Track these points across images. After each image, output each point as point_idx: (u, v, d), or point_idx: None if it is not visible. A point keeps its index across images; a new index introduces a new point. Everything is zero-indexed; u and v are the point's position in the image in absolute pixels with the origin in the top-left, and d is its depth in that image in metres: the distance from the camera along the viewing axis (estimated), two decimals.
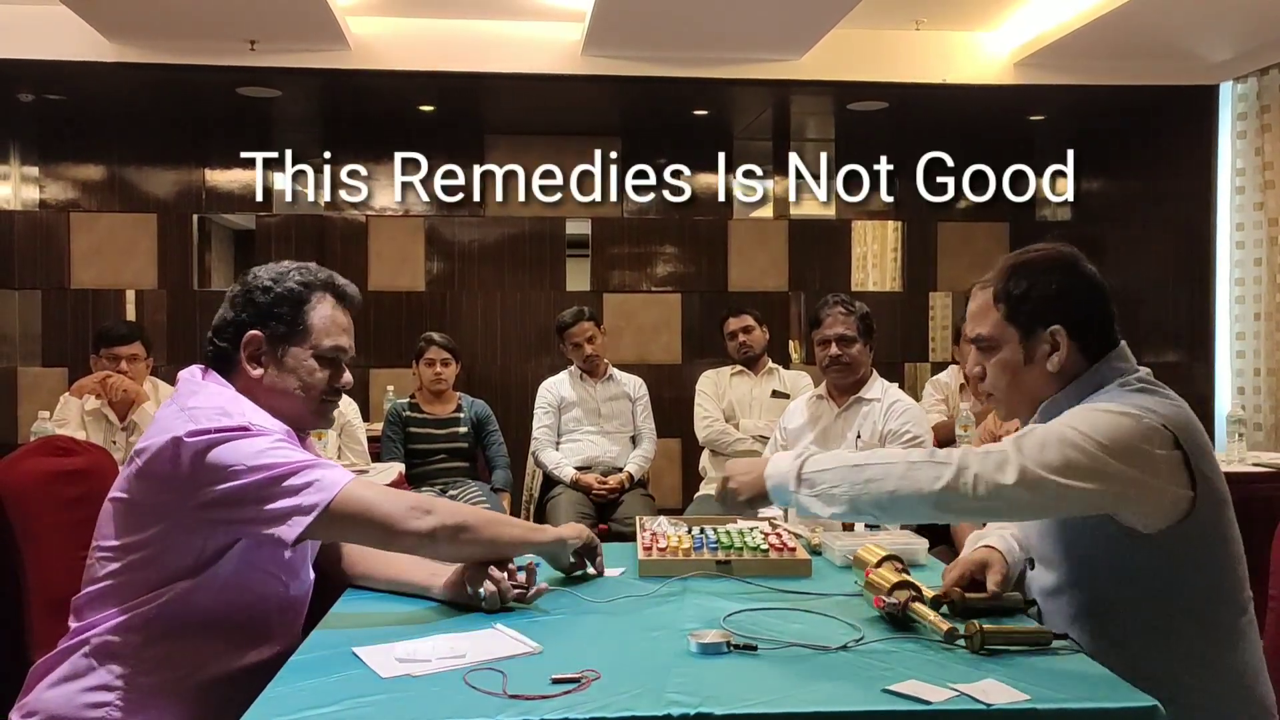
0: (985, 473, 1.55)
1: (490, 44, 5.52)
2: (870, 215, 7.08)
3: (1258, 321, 5.64)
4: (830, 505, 1.65)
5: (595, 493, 4.59)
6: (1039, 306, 1.73)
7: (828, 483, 1.65)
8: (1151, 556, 1.61)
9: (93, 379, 4.08)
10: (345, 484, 1.65)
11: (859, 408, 3.46)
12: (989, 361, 1.79)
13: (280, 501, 1.61)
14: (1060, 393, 1.73)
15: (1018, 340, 1.74)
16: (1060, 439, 1.56)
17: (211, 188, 6.62)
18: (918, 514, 1.64)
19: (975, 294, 1.82)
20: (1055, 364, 1.72)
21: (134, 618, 1.66)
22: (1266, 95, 5.55)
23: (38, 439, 2.94)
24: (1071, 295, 1.74)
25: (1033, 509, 1.62)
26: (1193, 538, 1.61)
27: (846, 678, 1.44)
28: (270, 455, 1.63)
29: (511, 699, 1.35)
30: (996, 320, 1.76)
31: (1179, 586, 1.62)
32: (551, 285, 6.80)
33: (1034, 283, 1.74)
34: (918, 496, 1.58)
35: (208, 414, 1.66)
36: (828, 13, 4.95)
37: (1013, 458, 1.55)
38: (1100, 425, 1.57)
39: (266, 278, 1.82)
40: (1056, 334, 1.72)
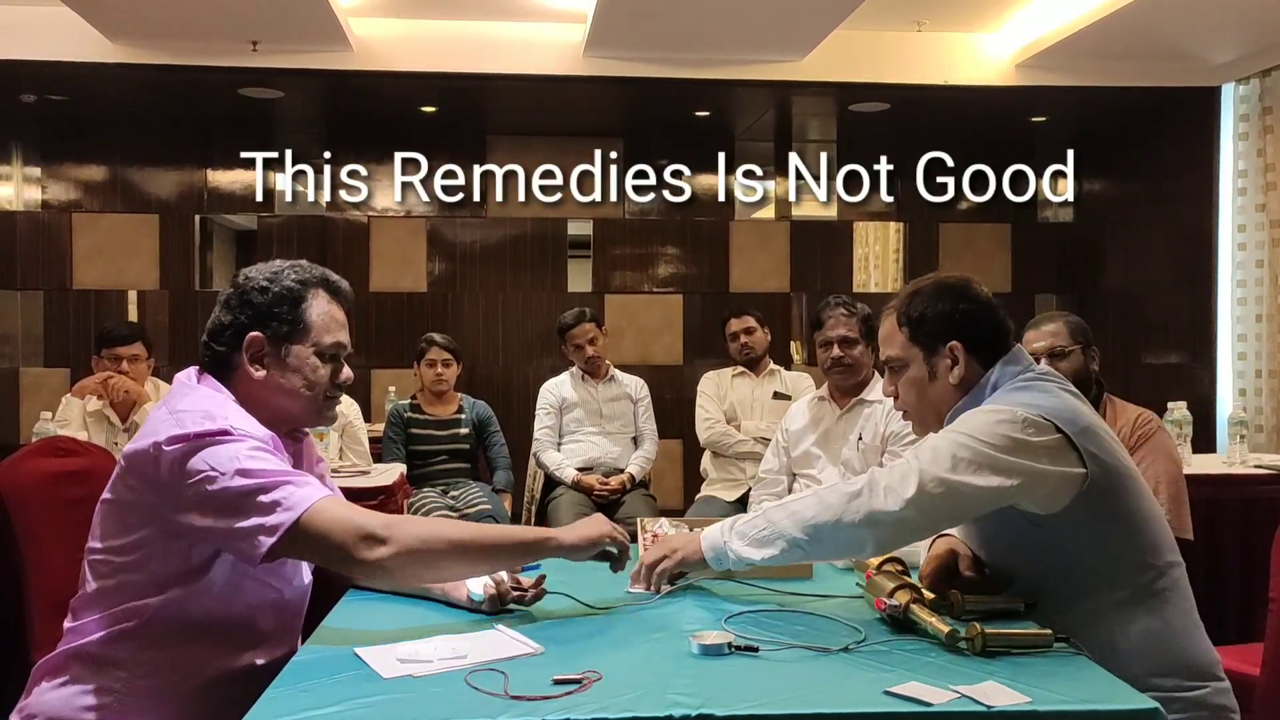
0: (893, 484, 1.71)
1: (492, 45, 5.52)
2: (872, 216, 7.08)
3: (1259, 323, 5.63)
4: (764, 547, 1.79)
5: (597, 494, 4.59)
6: (938, 325, 1.88)
7: (756, 528, 1.80)
8: (1057, 534, 1.73)
9: (94, 380, 4.08)
10: (311, 504, 1.60)
11: (861, 409, 3.46)
12: (899, 380, 1.94)
13: (248, 519, 1.58)
14: (960, 401, 1.87)
15: (922, 358, 1.90)
16: (949, 443, 1.72)
17: (213, 188, 6.63)
18: (849, 536, 1.74)
19: (883, 320, 1.98)
20: (956, 376, 1.87)
21: (128, 622, 1.66)
22: (1268, 97, 5.55)
23: (40, 440, 2.95)
24: (963, 313, 1.89)
25: (944, 512, 1.74)
26: (1091, 511, 1.72)
27: (848, 679, 1.44)
28: (245, 465, 1.60)
29: (513, 700, 1.35)
30: (902, 342, 1.92)
31: (1086, 557, 1.73)
32: (553, 286, 6.80)
33: (928, 305, 1.90)
34: (842, 517, 1.72)
35: (193, 417, 1.65)
36: (829, 14, 4.96)
37: (913, 466, 1.71)
38: (980, 425, 1.73)
39: (261, 278, 1.80)
40: (954, 349, 1.87)
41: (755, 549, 1.79)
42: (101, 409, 3.98)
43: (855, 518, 1.71)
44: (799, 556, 1.81)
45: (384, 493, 3.64)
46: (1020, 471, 1.69)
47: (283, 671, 1.49)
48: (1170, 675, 1.69)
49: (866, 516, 1.70)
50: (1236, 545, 3.44)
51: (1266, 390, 5.56)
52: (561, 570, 1.90)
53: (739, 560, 1.82)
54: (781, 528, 1.77)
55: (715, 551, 1.85)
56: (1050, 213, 7.21)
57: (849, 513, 1.71)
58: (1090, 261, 6.95)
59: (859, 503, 1.71)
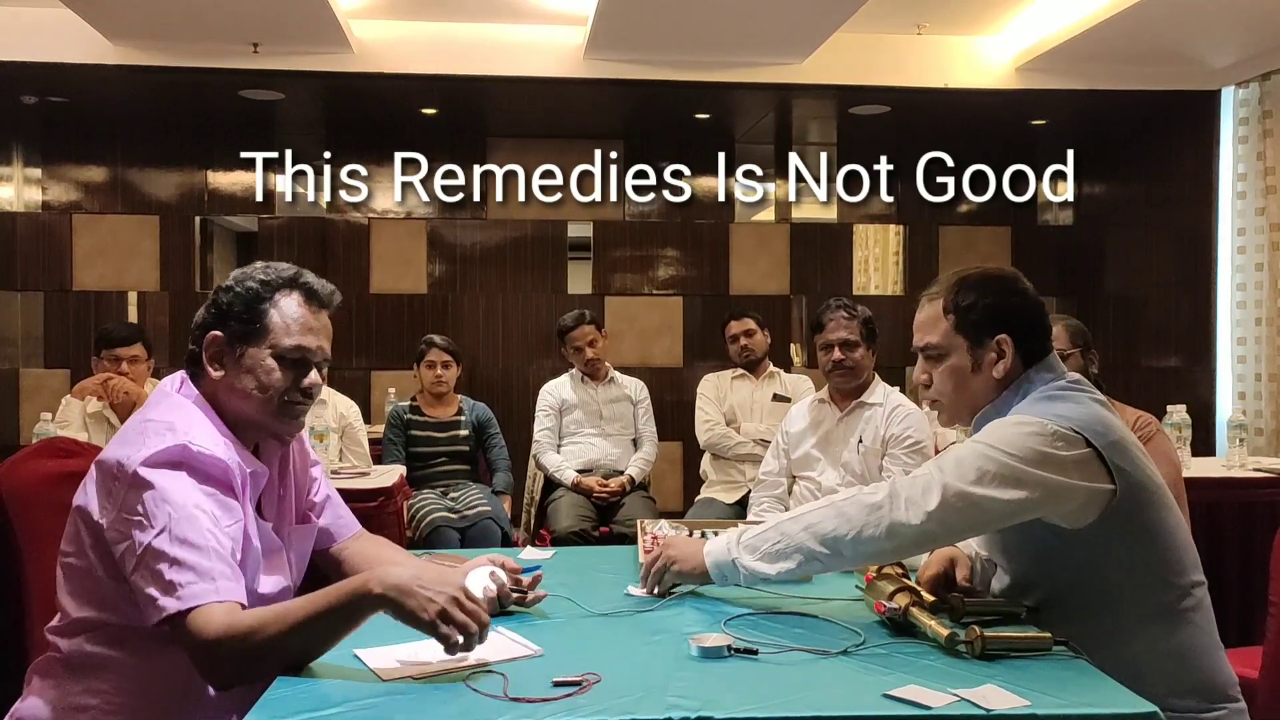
0: (915, 496, 1.68)
1: (492, 47, 5.52)
2: (872, 219, 7.08)
3: (1259, 326, 5.63)
4: (778, 561, 1.75)
5: (596, 495, 4.58)
6: (989, 316, 1.83)
7: (769, 541, 1.76)
8: (1080, 548, 1.70)
9: (94, 381, 4.08)
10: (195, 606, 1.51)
11: (861, 412, 3.46)
12: (936, 369, 1.89)
13: (147, 586, 1.54)
14: (991, 404, 1.85)
15: (966, 348, 1.85)
16: (974, 454, 1.69)
17: (214, 190, 6.63)
18: (869, 549, 1.71)
19: (923, 306, 1.92)
20: (1000, 370, 1.83)
21: (103, 628, 1.65)
22: (1268, 100, 5.55)
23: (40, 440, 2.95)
24: (1016, 306, 1.85)
25: (966, 525, 1.72)
26: (1118, 527, 1.69)
27: (847, 682, 1.44)
28: (175, 529, 1.54)
29: (512, 702, 1.36)
30: (946, 330, 1.86)
31: (1110, 573, 1.70)
32: (553, 288, 6.80)
33: (981, 295, 1.85)
34: (863, 530, 1.69)
35: (156, 428, 1.64)
36: (829, 17, 4.96)
37: (935, 478, 1.68)
38: (1007, 436, 1.69)
39: (232, 277, 1.78)
40: (1002, 342, 1.82)
41: (768, 563, 1.76)
42: (101, 410, 3.98)
43: (876, 530, 1.68)
44: (816, 570, 1.78)
45: (383, 494, 3.64)
46: (1046, 486, 1.66)
47: (281, 674, 1.49)
48: (1190, 696, 1.67)
49: (888, 529, 1.68)
50: (1236, 549, 3.44)
51: (1266, 394, 5.56)
52: (561, 572, 1.90)
53: (750, 576, 1.78)
54: (797, 540, 1.74)
55: (720, 568, 1.81)
56: (1050, 216, 7.22)
57: (870, 525, 1.69)
58: (1090, 264, 6.95)
59: (879, 514, 1.68)
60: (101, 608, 1.65)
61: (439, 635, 1.46)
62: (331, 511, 2.01)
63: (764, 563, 1.76)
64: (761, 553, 1.76)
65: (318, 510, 1.97)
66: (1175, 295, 6.31)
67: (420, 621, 1.47)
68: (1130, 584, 1.70)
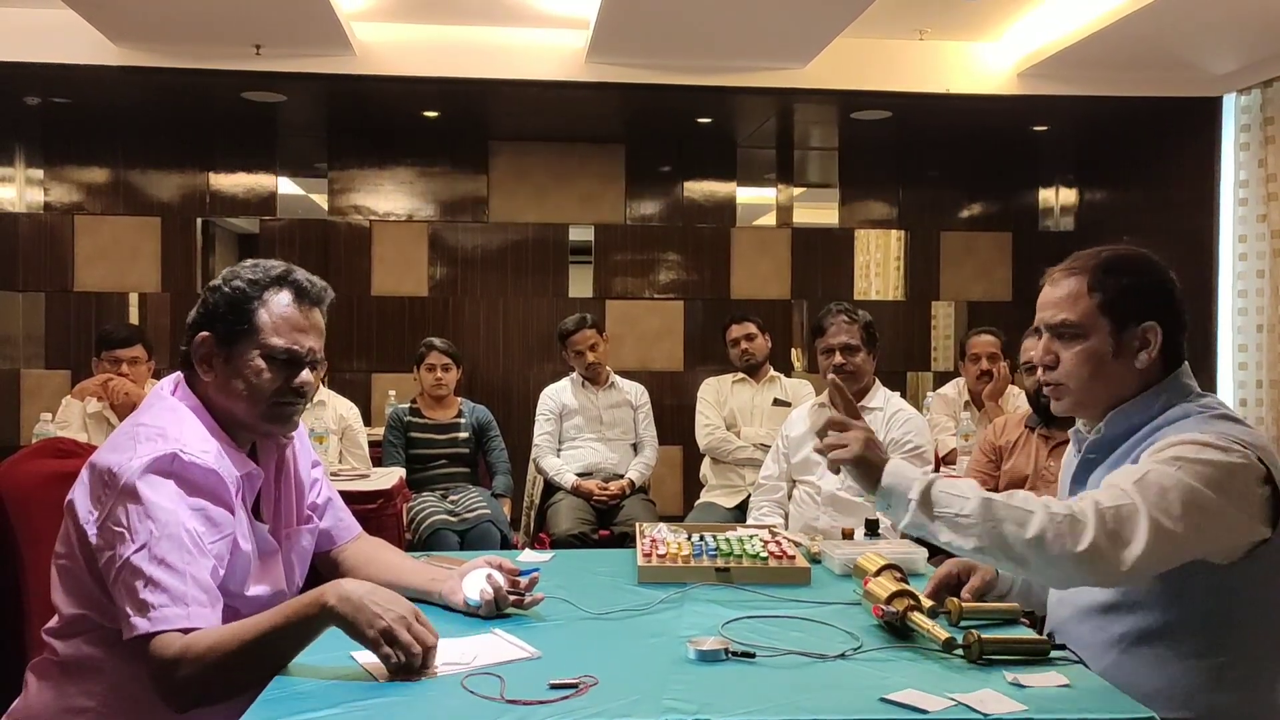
0: (1120, 531, 1.47)
1: (495, 50, 5.52)
2: (873, 224, 7.09)
3: (1260, 333, 5.63)
4: (954, 533, 1.52)
5: (596, 499, 4.58)
6: (1139, 300, 1.68)
7: (956, 508, 1.53)
8: (1214, 583, 1.57)
9: (94, 381, 4.09)
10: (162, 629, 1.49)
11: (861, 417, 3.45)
12: (1069, 350, 1.70)
13: (122, 600, 1.53)
14: (1131, 402, 1.68)
15: (1109, 331, 1.68)
16: (1179, 485, 1.49)
17: (216, 191, 6.64)
18: (1054, 570, 1.50)
19: (1058, 280, 1.73)
20: (1144, 361, 1.67)
21: (96, 629, 1.65)
22: (1270, 107, 5.55)
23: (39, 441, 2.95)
24: (1169, 294, 1.71)
25: (1157, 566, 1.51)
26: (1257, 568, 1.57)
27: (844, 686, 1.44)
28: (155, 548, 1.53)
29: (509, 704, 1.35)
30: (1089, 308, 1.68)
31: (1237, 615, 1.58)
32: (554, 291, 6.80)
33: (1134, 276, 1.70)
34: (1061, 552, 1.47)
35: (148, 433, 1.63)
36: (831, 22, 4.96)
37: (1140, 508, 1.48)
38: (1210, 467, 1.52)
39: (221, 277, 1.77)
40: (1150, 331, 1.67)
41: (946, 528, 1.53)
42: (101, 411, 3.98)
43: (1072, 563, 1.47)
44: (986, 561, 1.60)
45: (383, 497, 3.64)
46: (1241, 525, 1.52)
47: (278, 675, 1.48)
48: None
49: (1091, 566, 1.47)
50: None
51: (1268, 400, 5.56)
52: (559, 575, 1.90)
53: (916, 525, 1.55)
54: (988, 526, 1.50)
55: (892, 494, 1.58)
56: (1051, 222, 7.23)
57: (1069, 555, 1.46)
58: None
59: (1086, 549, 1.46)
60: (92, 608, 1.65)
61: (380, 654, 1.47)
62: (332, 514, 2.00)
63: (940, 524, 1.53)
64: (943, 513, 1.53)
65: (320, 512, 1.97)
66: None
67: (364, 638, 1.48)
68: (1254, 633, 1.58)
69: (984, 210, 7.17)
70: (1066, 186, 7.22)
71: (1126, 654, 1.62)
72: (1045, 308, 1.75)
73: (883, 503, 1.59)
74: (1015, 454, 3.38)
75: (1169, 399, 1.67)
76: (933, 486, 1.55)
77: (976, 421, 4.44)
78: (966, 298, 7.08)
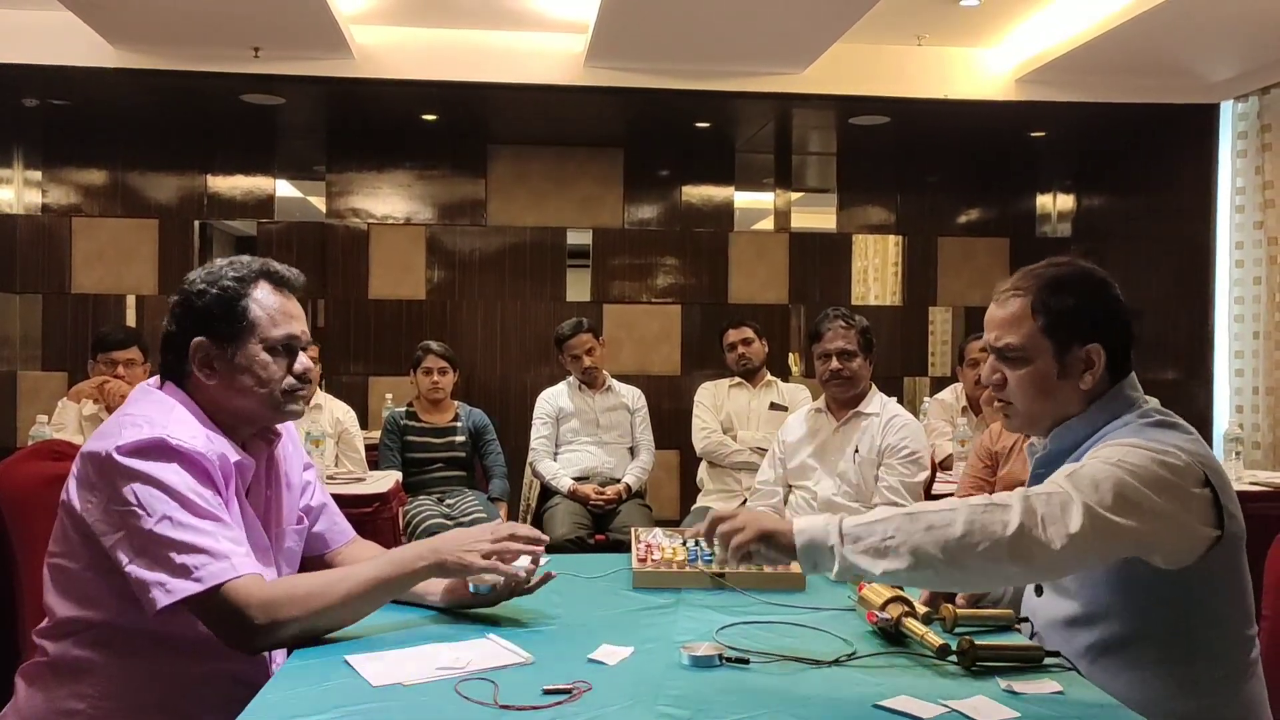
0: (1054, 514, 1.47)
1: (493, 54, 5.53)
2: (871, 229, 7.10)
3: (1256, 340, 5.63)
4: (884, 559, 1.49)
5: (593, 503, 4.58)
6: (1082, 322, 1.69)
7: (879, 534, 1.50)
8: (1171, 591, 1.59)
9: (90, 384, 4.09)
10: (220, 582, 1.55)
11: (858, 422, 3.46)
12: (1015, 372, 1.72)
13: (153, 572, 1.54)
14: (1075, 418, 1.71)
15: (1052, 353, 1.69)
16: (1110, 476, 1.52)
17: (214, 194, 6.64)
18: (989, 564, 1.48)
19: (1004, 301, 1.75)
20: (1088, 382, 1.69)
21: (90, 630, 1.65)
22: (1267, 114, 5.56)
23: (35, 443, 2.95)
24: (1112, 314, 1.72)
25: (1097, 553, 1.52)
26: (1211, 574, 1.59)
27: (838, 692, 1.44)
28: (174, 514, 1.56)
29: (502, 709, 1.35)
30: (1032, 331, 1.70)
31: (1195, 621, 1.60)
32: (552, 295, 6.81)
33: (1076, 298, 1.70)
34: (991, 542, 1.46)
35: (133, 420, 1.64)
36: (830, 27, 4.97)
37: (1074, 496, 1.49)
38: (1143, 463, 1.54)
39: (200, 280, 1.76)
40: (1094, 352, 1.68)
41: (873, 559, 1.49)
42: (97, 413, 3.98)
43: (1005, 550, 1.46)
44: (924, 579, 1.56)
45: (379, 500, 3.63)
46: (1178, 523, 1.54)
47: (272, 678, 1.49)
48: None
49: (1022, 549, 1.46)
50: None
51: (1263, 407, 5.56)
52: (554, 580, 1.90)
53: (847, 569, 1.51)
54: (915, 540, 1.48)
55: (813, 552, 1.53)
56: (1049, 227, 7.24)
57: (1000, 540, 1.46)
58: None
59: (1015, 532, 1.46)
60: (89, 606, 1.64)
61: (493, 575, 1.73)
62: (326, 518, 2.00)
63: (869, 557, 1.49)
64: (867, 545, 1.50)
65: (313, 515, 1.97)
66: (1173, 308, 6.32)
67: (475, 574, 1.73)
68: (1212, 636, 1.60)
69: (982, 216, 7.18)
70: (1064, 192, 7.23)
71: (1095, 665, 1.62)
72: (991, 328, 1.77)
73: (808, 563, 1.55)
74: (1011, 460, 3.38)
75: (1112, 411, 1.69)
76: (844, 524, 1.53)
77: (973, 427, 4.44)
78: (964, 303, 7.09)
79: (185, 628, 1.62)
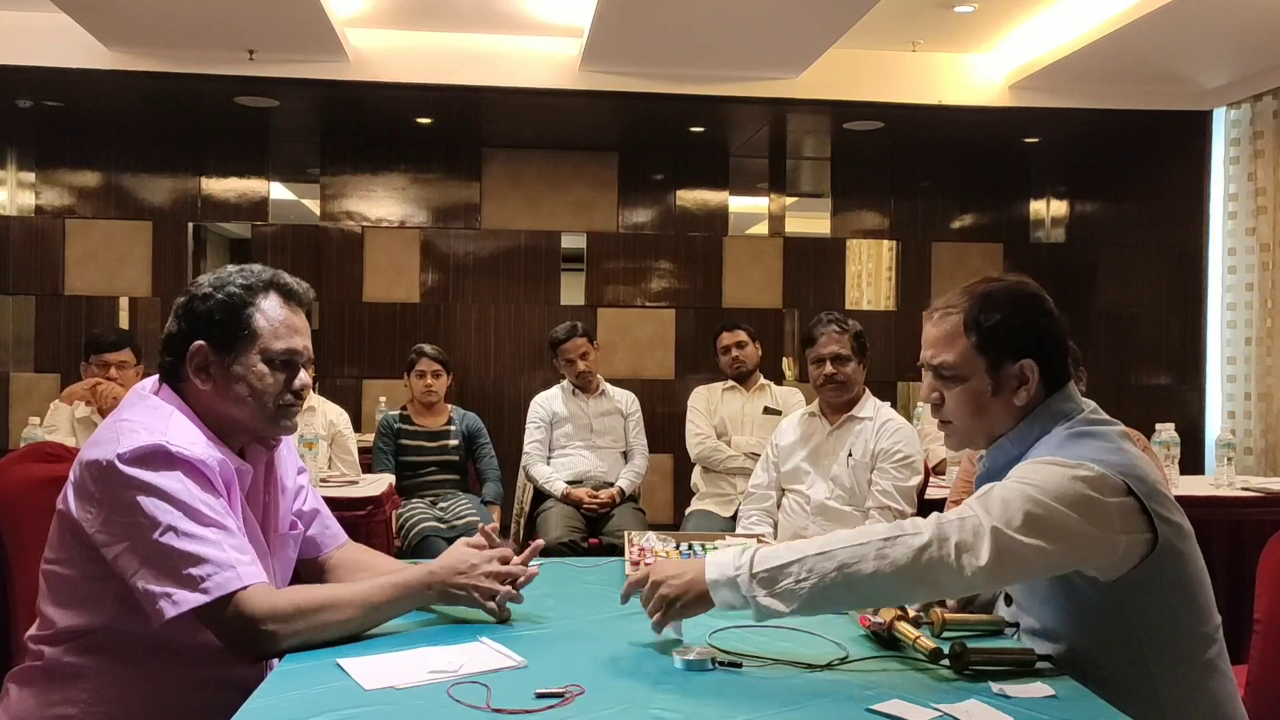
0: (966, 541, 1.51)
1: (488, 58, 5.54)
2: (865, 234, 7.11)
3: (1249, 346, 5.65)
4: (794, 602, 1.54)
5: (586, 507, 4.57)
6: (1012, 339, 1.69)
7: (793, 576, 1.54)
8: (1113, 600, 1.59)
9: (83, 386, 4.07)
10: (226, 593, 1.56)
11: (851, 426, 3.47)
12: (950, 390, 1.74)
13: (159, 584, 1.54)
14: (1008, 435, 1.72)
15: (985, 371, 1.70)
16: (1021, 498, 1.53)
17: (208, 196, 6.63)
18: (908, 594, 1.58)
19: (937, 320, 1.76)
20: (1023, 398, 1.69)
21: (83, 637, 1.64)
22: (1259, 121, 5.59)
23: (27, 445, 2.94)
24: (1044, 329, 1.71)
25: (1011, 576, 1.59)
26: (1153, 578, 1.58)
27: (830, 696, 1.44)
28: (179, 524, 1.56)
29: (494, 713, 1.35)
30: (965, 349, 1.71)
31: (1142, 627, 1.60)
32: (546, 299, 6.81)
33: (1007, 314, 1.70)
34: (905, 576, 1.51)
35: (131, 427, 1.63)
36: (825, 32, 4.98)
37: (984, 522, 1.52)
38: (1053, 480, 1.55)
39: (207, 284, 1.75)
40: (1027, 368, 1.69)
41: (787, 602, 1.54)
42: (90, 415, 3.96)
43: (919, 576, 1.51)
44: (841, 609, 1.67)
45: (372, 503, 3.63)
46: (1091, 538, 1.54)
47: (265, 681, 1.48)
48: None
49: (934, 577, 1.51)
50: (1223, 567, 3.45)
51: (1255, 413, 5.58)
52: (547, 583, 1.90)
53: (763, 612, 1.56)
54: (827, 580, 1.53)
55: (728, 601, 1.59)
56: (1042, 233, 7.26)
57: (913, 571, 1.51)
58: (1081, 282, 6.98)
59: (925, 559, 1.50)
60: (86, 613, 1.64)
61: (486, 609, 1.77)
62: (319, 522, 2.00)
63: (781, 600, 1.54)
64: (782, 589, 1.54)
65: (306, 520, 1.97)
66: (1166, 314, 6.34)
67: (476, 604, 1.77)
68: (1161, 640, 1.60)
69: (975, 221, 7.20)
70: (1058, 198, 7.25)
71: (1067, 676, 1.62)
72: (927, 346, 1.78)
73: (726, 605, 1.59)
74: None
75: (1044, 426, 1.69)
76: (755, 568, 1.56)
77: None
78: None
79: (185, 635, 1.62)
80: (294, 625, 1.60)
